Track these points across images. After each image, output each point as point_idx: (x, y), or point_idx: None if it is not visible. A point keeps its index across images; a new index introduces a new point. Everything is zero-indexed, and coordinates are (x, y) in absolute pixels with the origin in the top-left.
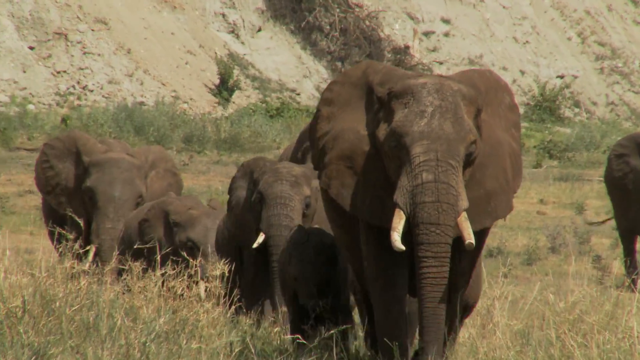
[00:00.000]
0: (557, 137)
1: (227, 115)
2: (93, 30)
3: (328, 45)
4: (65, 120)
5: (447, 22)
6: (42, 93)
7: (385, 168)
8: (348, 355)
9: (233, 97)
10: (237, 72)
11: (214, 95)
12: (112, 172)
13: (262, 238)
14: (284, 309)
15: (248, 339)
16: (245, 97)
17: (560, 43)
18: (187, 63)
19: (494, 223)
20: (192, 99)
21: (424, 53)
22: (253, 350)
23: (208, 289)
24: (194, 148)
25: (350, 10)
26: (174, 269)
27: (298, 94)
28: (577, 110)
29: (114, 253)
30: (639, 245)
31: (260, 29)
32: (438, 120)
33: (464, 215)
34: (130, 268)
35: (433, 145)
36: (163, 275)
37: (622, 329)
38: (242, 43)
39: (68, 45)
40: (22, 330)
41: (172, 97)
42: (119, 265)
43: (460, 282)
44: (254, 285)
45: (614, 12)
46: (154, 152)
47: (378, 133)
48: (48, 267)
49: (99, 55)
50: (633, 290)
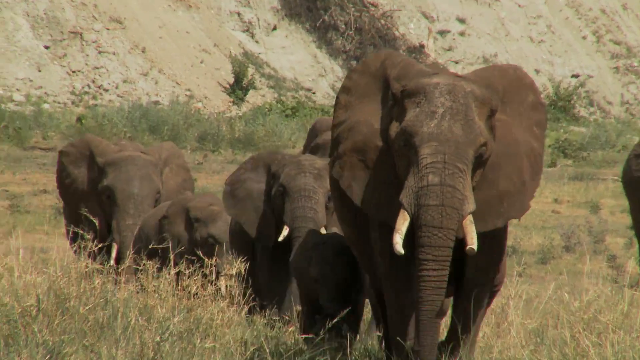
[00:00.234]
0: (572, 136)
1: (241, 115)
2: (108, 30)
3: (343, 44)
4: (80, 120)
5: (462, 21)
6: (57, 92)
7: (396, 165)
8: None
9: (248, 96)
10: (252, 71)
11: (229, 94)
12: (128, 169)
13: (286, 231)
14: (299, 308)
15: (262, 338)
16: (260, 96)
17: (575, 42)
18: (202, 62)
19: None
20: (206, 98)
21: (439, 52)
22: (267, 350)
23: (228, 287)
24: (209, 147)
25: (366, 9)
26: (189, 268)
27: (313, 93)
28: (592, 109)
29: (129, 252)
30: None
31: (276, 28)
32: (448, 122)
33: (469, 219)
34: (145, 267)
35: (441, 148)
36: (177, 275)
37: (636, 328)
38: (257, 42)
39: (83, 45)
40: (36, 329)
41: (186, 96)
42: (134, 265)
43: (480, 278)
44: (270, 282)
45: (629, 10)
46: (167, 148)
47: (390, 130)
48: (62, 266)
49: (114, 55)
50: None
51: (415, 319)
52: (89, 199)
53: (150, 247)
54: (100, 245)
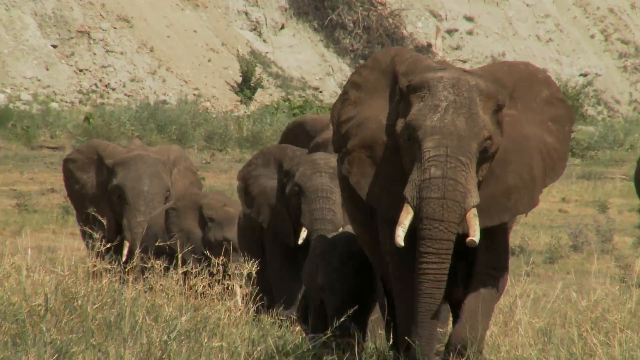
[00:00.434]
0: (579, 135)
1: (249, 114)
2: (115, 28)
3: (351, 43)
4: (88, 119)
5: (470, 20)
6: (64, 91)
7: (402, 161)
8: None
9: (255, 95)
10: (259, 70)
11: (236, 93)
12: (138, 167)
13: (305, 233)
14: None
15: (269, 338)
16: (268, 95)
17: (583, 41)
18: (209, 61)
19: (517, 219)
20: (214, 97)
21: (447, 51)
22: (274, 349)
23: (243, 296)
24: (216, 146)
25: (373, 8)
26: (196, 267)
27: (321, 92)
28: (599, 108)
29: (137, 251)
30: None
31: (283, 27)
32: (451, 116)
33: (473, 212)
34: (152, 266)
35: (444, 141)
36: (185, 274)
37: None
38: (264, 41)
39: (91, 43)
40: (44, 328)
41: (194, 95)
42: (141, 264)
43: (484, 276)
44: (280, 280)
45: (638, 9)
46: (174, 150)
47: (396, 125)
48: (70, 265)
49: (122, 54)
50: None
51: (414, 311)
52: (100, 202)
53: (157, 244)
54: (109, 245)
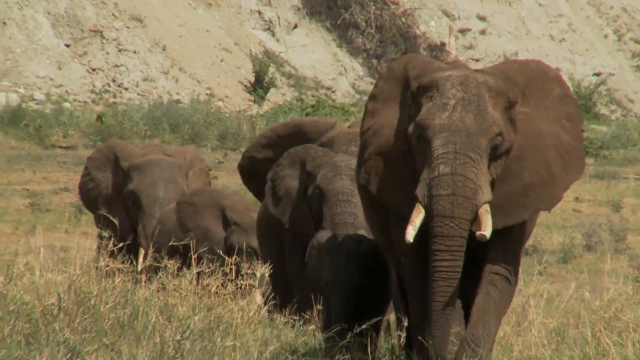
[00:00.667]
0: (593, 134)
1: (262, 113)
2: (128, 28)
3: (364, 43)
4: (101, 118)
5: (483, 19)
6: (77, 90)
7: (415, 162)
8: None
9: (268, 94)
10: (272, 69)
11: (249, 93)
12: (153, 173)
13: None
14: (320, 307)
15: (282, 337)
16: (281, 94)
17: (597, 40)
18: (222, 60)
19: (536, 219)
20: (227, 97)
21: (460, 50)
22: (287, 349)
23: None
24: (229, 146)
25: (386, 8)
26: (210, 267)
27: (334, 92)
28: (613, 108)
29: (150, 250)
30: None
31: (296, 26)
32: (460, 113)
33: (485, 208)
34: (165, 266)
35: (452, 138)
36: (198, 273)
37: None
38: (277, 40)
39: (103, 43)
40: (57, 328)
41: (207, 94)
42: (155, 263)
43: (495, 276)
44: (298, 276)
45: None
46: (190, 152)
47: (408, 128)
48: (83, 264)
49: (135, 53)
50: None
51: (428, 310)
52: (114, 203)
53: (171, 243)
54: (121, 245)
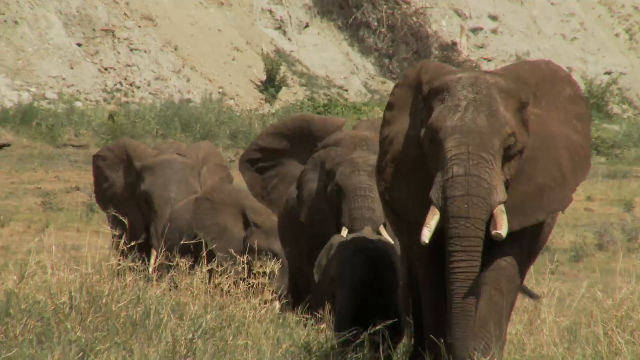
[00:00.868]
0: (604, 133)
1: (273, 112)
2: (140, 27)
3: (375, 42)
4: (112, 117)
5: (494, 18)
6: (89, 90)
7: (429, 168)
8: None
9: (280, 93)
10: (284, 68)
11: (261, 92)
12: (165, 173)
13: (345, 232)
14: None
15: (295, 336)
16: (292, 93)
17: (608, 39)
18: (234, 59)
19: (554, 223)
20: (238, 96)
21: (472, 50)
22: (299, 347)
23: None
24: (241, 144)
25: (398, 7)
26: (223, 265)
27: (345, 91)
28: (624, 107)
29: (161, 249)
30: None
31: (308, 26)
32: (471, 114)
33: (500, 208)
34: (177, 264)
35: (465, 139)
36: (210, 272)
37: None
38: (289, 39)
39: (115, 42)
40: (69, 326)
41: (218, 93)
42: (166, 262)
43: (503, 281)
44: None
45: None
46: (204, 148)
47: (420, 132)
48: (94, 263)
49: (146, 52)
50: None
51: (447, 312)
52: (127, 202)
53: (183, 242)
54: (132, 244)
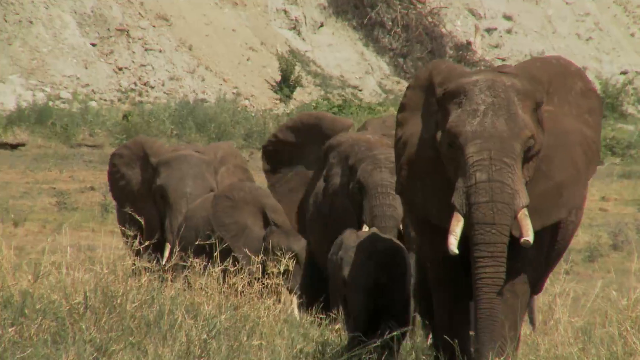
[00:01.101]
0: (619, 134)
1: (288, 112)
2: (154, 27)
3: (390, 42)
4: (127, 117)
5: (509, 18)
6: (103, 89)
7: (446, 170)
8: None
9: (294, 93)
10: (298, 68)
11: (275, 92)
12: (181, 168)
13: (366, 229)
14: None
15: (310, 337)
16: (307, 93)
17: (623, 39)
18: (248, 59)
19: (579, 217)
20: (253, 96)
21: (486, 49)
22: (313, 348)
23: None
24: (255, 144)
25: (412, 7)
26: (235, 266)
27: (360, 91)
28: None
29: (176, 249)
30: None
31: (322, 26)
32: (491, 119)
33: (524, 212)
34: (192, 264)
35: (486, 144)
36: (224, 272)
37: None
38: (303, 39)
39: (129, 42)
40: (84, 327)
41: (233, 93)
42: (181, 262)
43: (517, 283)
44: None
45: None
46: (223, 148)
47: (436, 135)
48: (109, 263)
49: (161, 52)
50: None
51: (474, 317)
52: (144, 200)
53: (198, 242)
54: (147, 243)
